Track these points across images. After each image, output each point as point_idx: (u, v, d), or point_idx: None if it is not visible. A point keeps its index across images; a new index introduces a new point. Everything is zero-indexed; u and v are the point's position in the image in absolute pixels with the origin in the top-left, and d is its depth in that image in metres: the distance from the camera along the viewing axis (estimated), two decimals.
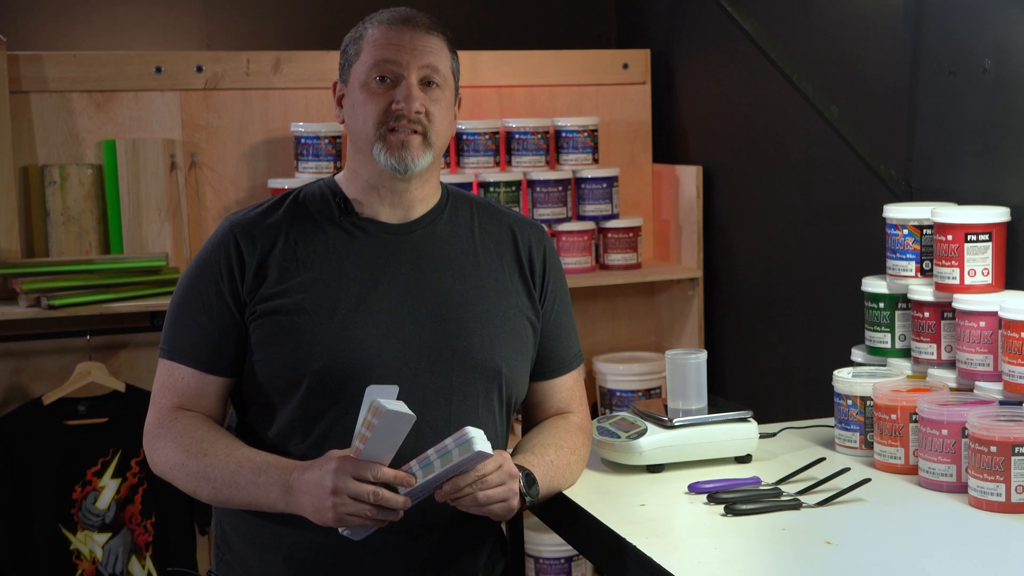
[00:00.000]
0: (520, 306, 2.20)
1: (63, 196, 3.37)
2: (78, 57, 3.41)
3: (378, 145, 2.10)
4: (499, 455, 1.98)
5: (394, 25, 2.13)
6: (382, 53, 2.11)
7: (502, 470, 1.97)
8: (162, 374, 2.14)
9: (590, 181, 3.66)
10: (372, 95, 2.11)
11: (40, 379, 3.40)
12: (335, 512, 1.89)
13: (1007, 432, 2.04)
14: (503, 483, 1.97)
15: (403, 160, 2.09)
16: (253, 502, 2.01)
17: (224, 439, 2.06)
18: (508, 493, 1.98)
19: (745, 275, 3.58)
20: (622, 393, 3.67)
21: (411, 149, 2.09)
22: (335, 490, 1.88)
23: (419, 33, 2.13)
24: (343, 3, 3.77)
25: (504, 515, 2.01)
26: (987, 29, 2.51)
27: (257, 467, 2.00)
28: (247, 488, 2.00)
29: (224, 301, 2.10)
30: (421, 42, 2.12)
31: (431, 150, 2.12)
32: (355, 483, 1.88)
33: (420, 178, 2.15)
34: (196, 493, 2.06)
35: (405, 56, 2.11)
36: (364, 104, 2.11)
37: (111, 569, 3.34)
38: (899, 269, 2.48)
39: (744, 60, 3.40)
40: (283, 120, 3.57)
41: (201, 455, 2.03)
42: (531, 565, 3.66)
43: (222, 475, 2.01)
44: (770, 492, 2.15)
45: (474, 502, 1.95)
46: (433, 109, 2.12)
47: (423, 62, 2.11)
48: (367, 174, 2.15)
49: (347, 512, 1.89)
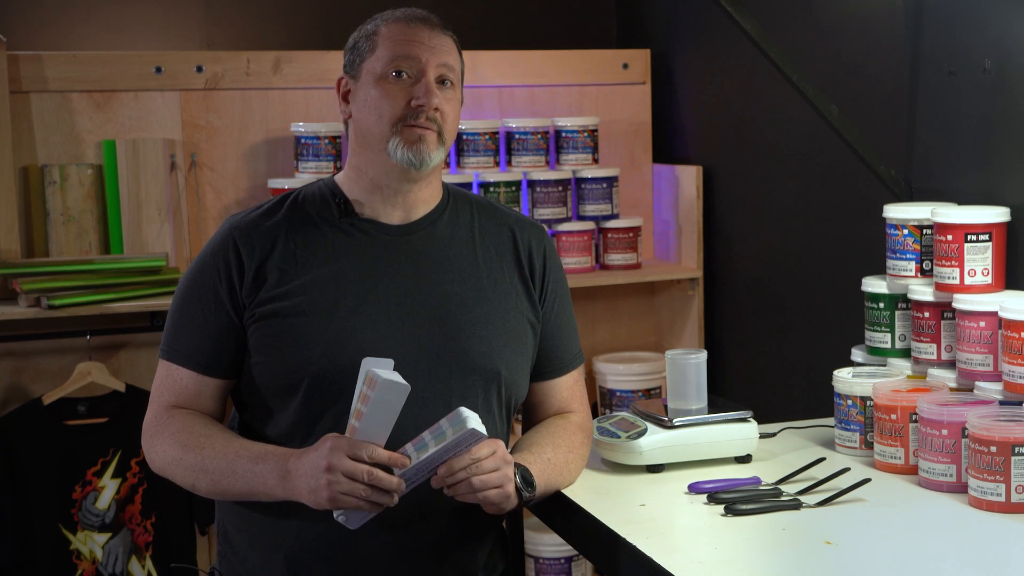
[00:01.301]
0: (520, 307, 2.20)
1: (63, 196, 3.37)
2: (78, 57, 3.41)
3: (394, 140, 2.09)
4: (494, 442, 1.98)
5: (412, 22, 2.14)
6: (401, 49, 2.11)
7: (496, 455, 1.97)
8: (161, 374, 2.14)
9: (590, 181, 3.66)
10: (388, 90, 2.10)
11: (40, 379, 3.40)
12: (329, 490, 1.89)
13: (1007, 432, 2.04)
14: (498, 468, 1.97)
15: (419, 154, 2.09)
16: (251, 491, 2.01)
17: (221, 432, 2.07)
18: (503, 479, 1.98)
19: (745, 275, 3.58)
20: (622, 393, 3.67)
21: (427, 144, 2.10)
22: (329, 467, 1.88)
23: (436, 32, 2.14)
24: (343, 3, 3.77)
25: (500, 502, 2.00)
26: (987, 29, 2.51)
27: (254, 456, 2.01)
28: (244, 477, 2.00)
29: (223, 305, 2.10)
30: (438, 41, 2.14)
31: (443, 147, 2.13)
32: (349, 461, 1.88)
33: (426, 179, 2.15)
34: (195, 487, 2.07)
35: (425, 53, 2.11)
36: (380, 99, 2.11)
37: (111, 569, 3.34)
38: (899, 269, 2.48)
39: (744, 60, 3.40)
40: (283, 120, 3.57)
41: (198, 448, 2.04)
42: (531, 565, 3.66)
43: (219, 466, 2.02)
44: (770, 492, 2.15)
45: (469, 487, 1.95)
46: (447, 108, 2.13)
47: (441, 60, 2.12)
48: (373, 172, 2.15)
49: (341, 491, 1.89)
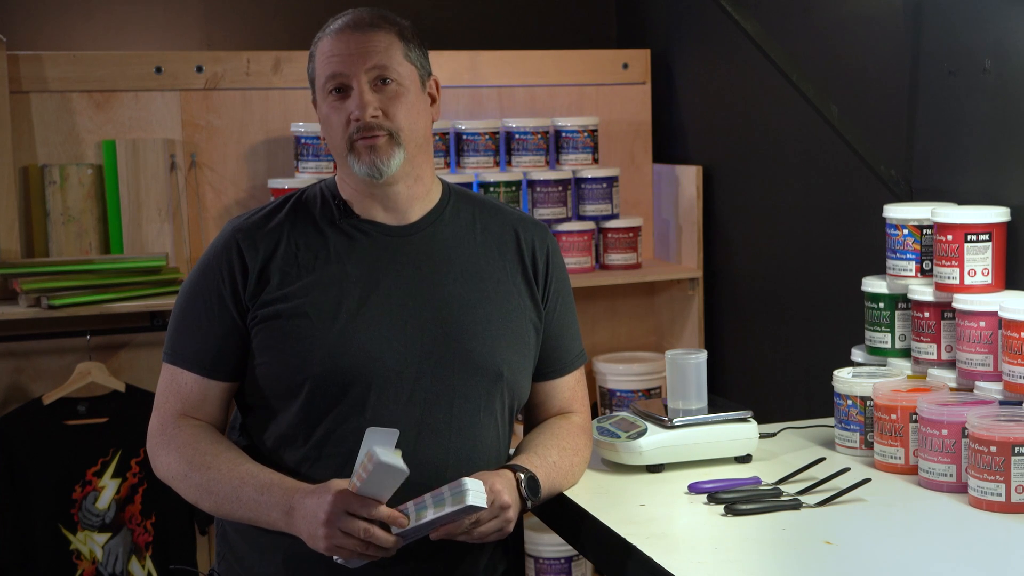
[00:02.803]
0: (522, 308, 2.19)
1: (63, 196, 3.37)
2: (78, 57, 3.41)
3: (350, 156, 2.10)
4: (490, 489, 1.97)
5: (337, 34, 2.12)
6: (330, 66, 2.11)
7: (494, 507, 1.98)
8: (165, 378, 2.14)
9: (590, 181, 3.66)
10: (332, 109, 2.11)
11: (40, 379, 3.40)
12: (326, 542, 1.92)
13: (1007, 432, 2.04)
14: (495, 516, 1.99)
15: (375, 165, 2.09)
16: (254, 519, 2.03)
17: (227, 452, 2.07)
18: (502, 524, 2.00)
19: (745, 275, 3.58)
20: (622, 393, 3.67)
21: (379, 152, 2.08)
22: (327, 522, 1.91)
23: (362, 35, 2.11)
24: (343, 3, 3.76)
25: (499, 538, 2.04)
26: (987, 29, 2.51)
27: (260, 485, 2.01)
28: (249, 505, 2.01)
29: (226, 307, 2.10)
30: (365, 44, 2.10)
31: (401, 148, 2.10)
32: (348, 519, 1.90)
33: (408, 177, 2.14)
34: (198, 504, 2.08)
35: (349, 64, 2.09)
36: (327, 119, 2.13)
37: (111, 569, 3.34)
38: (899, 269, 2.48)
39: (744, 60, 3.40)
40: (283, 120, 3.57)
41: (204, 468, 2.04)
42: (531, 565, 3.66)
43: (225, 490, 2.03)
44: (770, 492, 2.15)
45: (469, 539, 1.99)
46: (392, 107, 2.10)
47: (368, 64, 2.09)
48: (353, 182, 2.16)
49: (337, 544, 1.92)
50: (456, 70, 3.67)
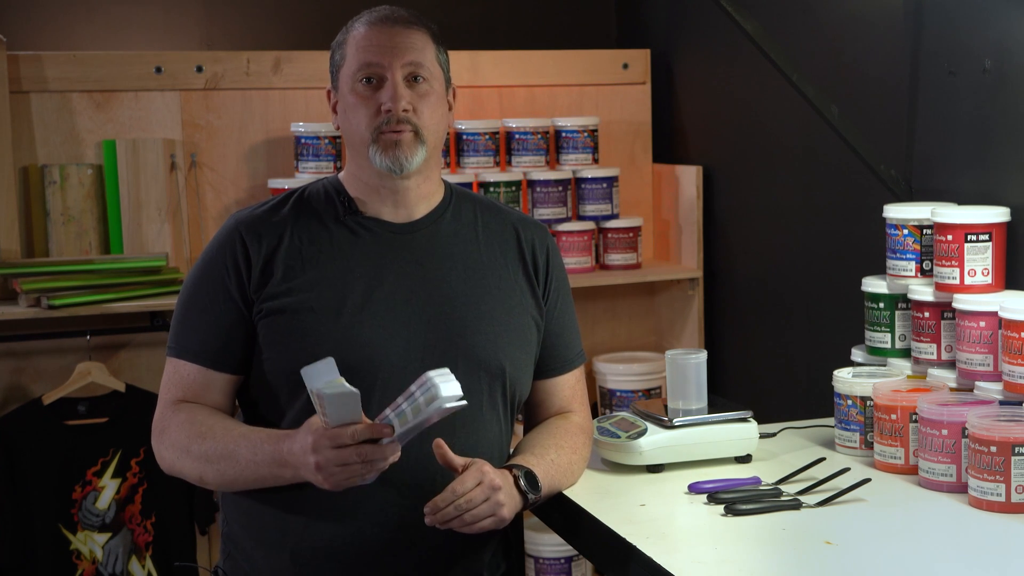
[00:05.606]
0: (524, 304, 2.20)
1: (63, 196, 3.37)
2: (78, 57, 3.41)
3: (373, 147, 2.11)
4: (479, 471, 1.99)
5: (374, 25, 2.14)
6: (365, 56, 2.11)
7: (483, 485, 1.98)
8: (168, 372, 2.15)
9: (590, 181, 3.66)
10: (360, 99, 2.12)
11: (40, 379, 3.40)
12: (330, 482, 1.91)
13: (1007, 432, 2.04)
14: (487, 498, 1.98)
15: (397, 159, 2.10)
16: (259, 478, 2.03)
17: (223, 420, 2.08)
18: (494, 507, 1.99)
19: (745, 275, 3.58)
20: (622, 393, 3.67)
21: (404, 148, 2.10)
22: (319, 466, 1.90)
23: (400, 30, 2.13)
24: (343, 3, 3.76)
25: (495, 527, 2.02)
26: (987, 29, 2.51)
27: (252, 445, 2.02)
28: (249, 467, 2.02)
29: (231, 298, 2.10)
30: (403, 39, 2.12)
31: (424, 145, 2.12)
32: (336, 452, 1.89)
33: (420, 175, 2.16)
34: (203, 479, 2.07)
35: (387, 56, 2.11)
36: (355, 108, 2.12)
37: (111, 569, 3.34)
38: (899, 269, 2.48)
39: (744, 60, 3.40)
40: (283, 120, 3.57)
41: (202, 437, 2.05)
42: (531, 565, 3.66)
43: (222, 452, 2.03)
44: (770, 492, 2.15)
45: (462, 524, 1.98)
46: (421, 105, 2.12)
47: (405, 59, 2.11)
48: (366, 176, 2.16)
49: (341, 479, 1.91)
50: (456, 70, 3.62)
